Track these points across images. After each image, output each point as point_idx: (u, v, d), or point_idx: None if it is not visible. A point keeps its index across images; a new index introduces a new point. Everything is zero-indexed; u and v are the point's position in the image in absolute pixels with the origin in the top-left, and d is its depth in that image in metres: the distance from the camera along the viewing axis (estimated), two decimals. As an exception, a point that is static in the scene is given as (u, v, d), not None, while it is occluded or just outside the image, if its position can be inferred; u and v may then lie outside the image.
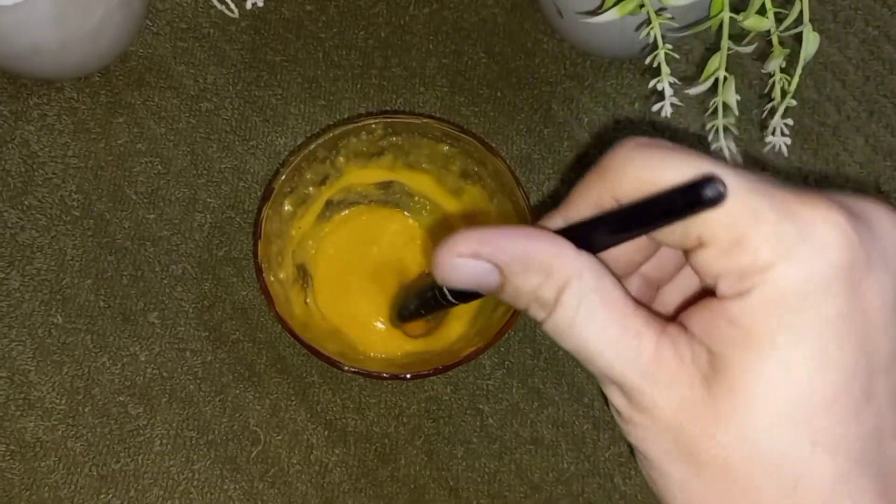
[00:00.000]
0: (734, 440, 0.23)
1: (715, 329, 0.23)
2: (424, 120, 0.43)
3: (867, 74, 0.50)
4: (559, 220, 0.26)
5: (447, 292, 0.30)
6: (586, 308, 0.24)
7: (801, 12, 0.39)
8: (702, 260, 0.23)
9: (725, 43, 0.39)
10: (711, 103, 0.42)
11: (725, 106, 0.41)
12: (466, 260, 0.25)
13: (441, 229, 0.45)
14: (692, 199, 0.21)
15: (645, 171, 0.24)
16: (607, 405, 0.26)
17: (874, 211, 0.23)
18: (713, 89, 0.41)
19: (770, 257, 0.22)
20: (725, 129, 0.42)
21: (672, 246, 0.25)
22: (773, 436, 0.22)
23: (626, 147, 0.24)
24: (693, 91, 0.41)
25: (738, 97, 0.41)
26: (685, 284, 0.28)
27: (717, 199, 0.21)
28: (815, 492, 0.22)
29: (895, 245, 0.23)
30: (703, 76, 0.41)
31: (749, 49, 0.39)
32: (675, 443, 0.24)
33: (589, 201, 0.25)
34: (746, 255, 0.22)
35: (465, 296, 0.30)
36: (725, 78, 0.40)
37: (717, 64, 0.40)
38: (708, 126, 0.42)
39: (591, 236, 0.25)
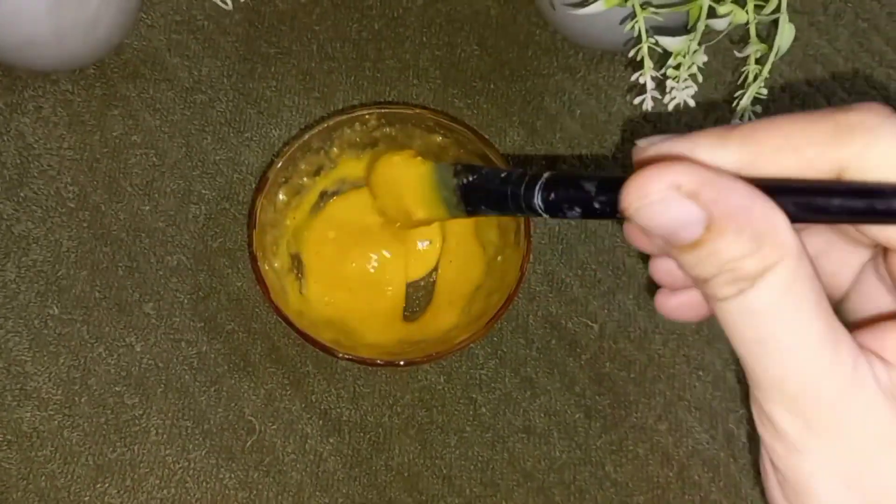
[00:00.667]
0: None
1: None
2: (418, 111, 0.43)
3: (856, 67, 0.50)
4: (731, 155, 0.21)
5: (540, 203, 0.25)
6: (796, 295, 0.20)
7: (779, 2, 0.39)
8: None
9: (703, 24, 0.39)
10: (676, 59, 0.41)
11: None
12: (681, 198, 0.20)
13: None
14: None
15: None
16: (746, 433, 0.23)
17: None
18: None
19: None
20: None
21: (875, 240, 0.22)
22: None
23: (880, 113, 0.20)
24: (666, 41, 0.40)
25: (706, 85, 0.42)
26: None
27: None
28: None
29: None
30: (674, 53, 0.41)
31: (723, 24, 0.39)
32: (857, 477, 0.20)
33: (800, 156, 0.20)
34: None
35: (561, 211, 0.24)
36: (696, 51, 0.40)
37: (690, 41, 0.40)
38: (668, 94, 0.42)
39: (805, 204, 0.20)
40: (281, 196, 0.43)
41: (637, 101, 0.41)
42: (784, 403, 0.20)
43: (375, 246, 0.44)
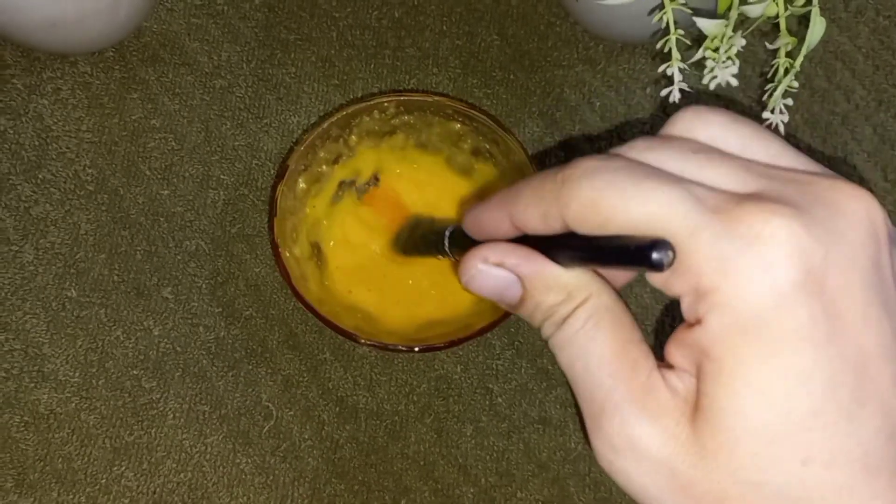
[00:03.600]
0: (725, 478, 0.22)
1: (690, 360, 0.23)
2: (437, 98, 0.43)
3: (877, 64, 0.50)
4: (502, 213, 0.26)
5: (446, 245, 0.32)
6: (594, 323, 0.24)
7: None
8: (655, 279, 0.23)
9: (735, 12, 0.39)
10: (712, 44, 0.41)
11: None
12: (491, 267, 0.26)
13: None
14: (639, 259, 0.21)
15: (600, 199, 0.23)
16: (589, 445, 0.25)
17: (832, 193, 0.22)
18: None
19: (714, 280, 0.21)
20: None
21: None
22: (763, 467, 0.21)
23: (585, 168, 0.23)
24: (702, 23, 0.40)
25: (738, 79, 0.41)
26: None
27: (662, 266, 0.21)
28: None
29: (861, 230, 0.22)
30: (710, 37, 0.40)
31: (758, 10, 0.39)
32: (664, 479, 0.23)
33: (538, 209, 0.24)
34: (690, 278, 0.21)
35: (461, 253, 0.30)
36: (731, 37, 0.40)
37: (722, 28, 0.40)
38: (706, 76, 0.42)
39: (554, 257, 0.25)
40: (301, 184, 0.43)
41: (664, 93, 0.41)
42: (596, 422, 0.23)
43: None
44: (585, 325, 0.24)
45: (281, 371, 0.44)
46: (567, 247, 0.24)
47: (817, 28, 0.39)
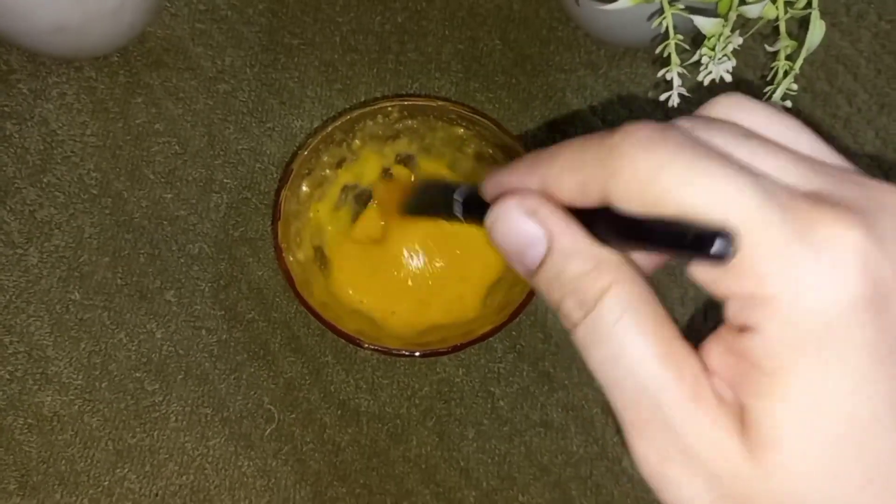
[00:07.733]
0: (783, 499, 0.20)
1: (736, 370, 0.21)
2: (440, 103, 0.43)
3: (879, 68, 0.50)
4: (532, 177, 0.23)
5: (459, 205, 0.29)
6: (633, 317, 0.21)
7: (810, -1, 0.40)
8: (702, 275, 0.20)
9: (734, 14, 0.39)
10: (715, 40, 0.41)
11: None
12: (521, 214, 0.23)
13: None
14: (697, 246, 0.19)
15: (658, 175, 0.20)
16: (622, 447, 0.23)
17: (894, 199, 0.20)
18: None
19: (779, 286, 0.19)
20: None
21: None
22: (822, 489, 0.20)
23: (637, 137, 0.20)
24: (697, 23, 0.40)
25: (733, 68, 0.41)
26: None
27: (724, 257, 0.19)
28: None
29: None
30: (708, 35, 0.40)
31: (756, 10, 0.39)
32: (717, 493, 0.21)
33: (576, 178, 0.21)
34: (751, 280, 0.19)
35: (473, 217, 0.28)
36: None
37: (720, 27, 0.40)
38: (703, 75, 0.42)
39: (591, 229, 0.22)
40: (304, 188, 0.43)
41: (663, 97, 0.41)
42: (636, 426, 0.21)
43: (398, 241, 0.44)
44: (622, 319, 0.21)
45: (283, 374, 0.45)
46: (608, 219, 0.21)
47: (817, 31, 0.39)
